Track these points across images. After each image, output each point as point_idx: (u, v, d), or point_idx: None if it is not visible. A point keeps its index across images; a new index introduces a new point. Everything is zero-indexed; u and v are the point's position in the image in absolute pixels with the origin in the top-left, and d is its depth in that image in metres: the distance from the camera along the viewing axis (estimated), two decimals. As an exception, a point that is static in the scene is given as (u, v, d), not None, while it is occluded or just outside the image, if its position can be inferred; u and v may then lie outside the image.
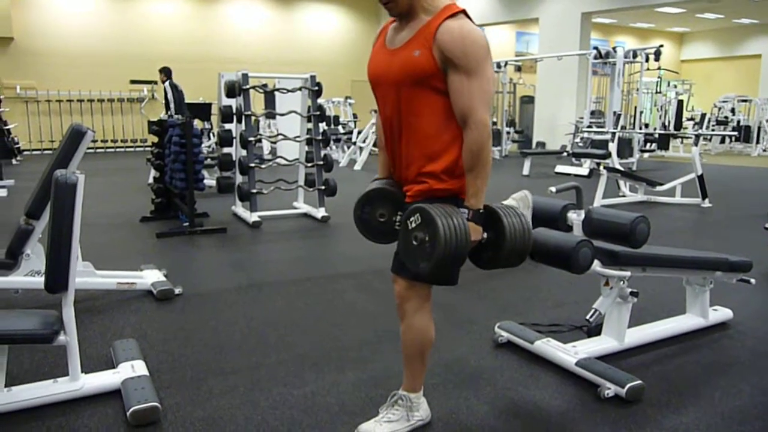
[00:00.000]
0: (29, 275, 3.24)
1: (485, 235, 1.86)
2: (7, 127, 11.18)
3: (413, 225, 1.80)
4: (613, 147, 8.92)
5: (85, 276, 3.41)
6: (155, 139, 6.19)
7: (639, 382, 2.36)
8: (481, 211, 1.84)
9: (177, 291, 3.61)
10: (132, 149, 14.40)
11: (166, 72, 9.58)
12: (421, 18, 1.84)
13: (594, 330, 2.86)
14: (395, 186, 2.05)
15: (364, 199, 2.07)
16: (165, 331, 3.08)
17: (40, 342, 2.16)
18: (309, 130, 6.27)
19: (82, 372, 2.33)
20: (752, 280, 3.15)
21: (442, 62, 1.79)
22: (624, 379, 2.37)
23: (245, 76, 5.80)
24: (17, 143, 11.83)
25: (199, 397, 2.37)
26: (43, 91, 13.52)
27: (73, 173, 2.15)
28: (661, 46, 11.32)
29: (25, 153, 12.82)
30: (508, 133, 14.27)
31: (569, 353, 2.61)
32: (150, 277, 3.73)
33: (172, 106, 9.32)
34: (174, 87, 9.45)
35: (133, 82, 14.43)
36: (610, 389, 2.36)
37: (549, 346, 2.70)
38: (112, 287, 3.57)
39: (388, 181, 2.07)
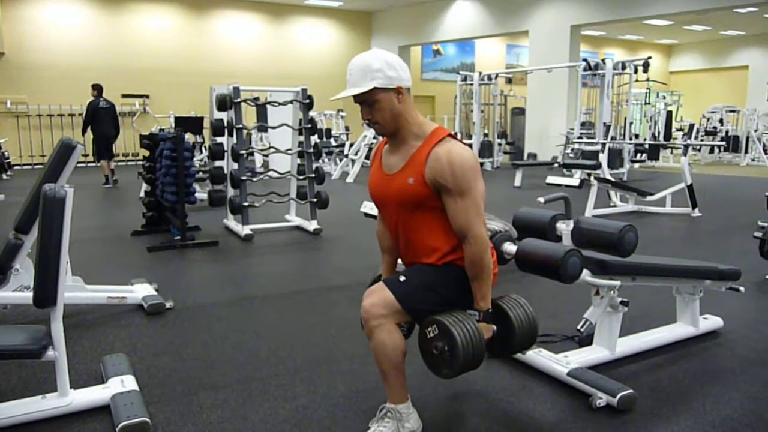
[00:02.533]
0: (18, 290, 3.21)
1: (494, 328, 2.04)
2: (-3, 142, 11.14)
3: (431, 335, 1.96)
4: (603, 158, 8.98)
5: (75, 291, 3.39)
6: (146, 153, 6.19)
7: (630, 391, 2.37)
8: (489, 311, 2.01)
9: (168, 305, 3.60)
10: (123, 163, 14.36)
11: (97, 89, 9.96)
12: (410, 144, 2.00)
13: (585, 340, 2.86)
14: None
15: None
16: (155, 346, 3.06)
17: (29, 357, 2.14)
18: (301, 143, 6.28)
19: (71, 387, 2.30)
20: (742, 289, 3.18)
21: (435, 187, 1.95)
22: (615, 388, 2.37)
23: (236, 90, 5.82)
24: (7, 158, 11.80)
25: (190, 412, 2.36)
26: (33, 106, 13.50)
27: (62, 187, 2.15)
28: (650, 57, 11.45)
29: (16, 168, 12.77)
30: (499, 144, 14.35)
31: (561, 363, 2.61)
32: (141, 291, 3.71)
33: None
34: (92, 105, 9.72)
35: (124, 96, 14.43)
36: (601, 399, 2.36)
37: (541, 357, 2.70)
38: (102, 302, 3.55)
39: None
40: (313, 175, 6.09)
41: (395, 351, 1.97)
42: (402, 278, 2.02)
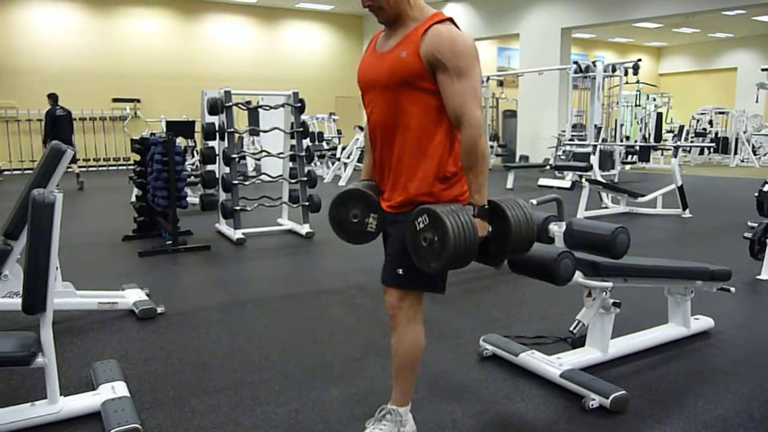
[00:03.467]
0: (7, 296, 3.19)
1: (490, 228, 1.88)
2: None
3: (421, 226, 1.82)
4: (594, 159, 9.02)
5: (65, 296, 3.36)
6: (138, 158, 6.16)
7: (623, 392, 2.37)
8: (485, 207, 1.86)
9: (159, 310, 3.57)
10: (114, 168, 14.30)
11: (53, 98, 10.35)
12: (409, 25, 1.90)
13: (578, 341, 2.87)
14: (371, 189, 2.06)
15: (338, 199, 2.08)
16: (147, 351, 3.04)
17: (17, 364, 2.12)
18: (292, 146, 6.27)
19: (61, 394, 2.28)
20: (732, 289, 3.19)
21: (430, 64, 1.82)
22: (608, 389, 2.38)
23: (228, 93, 5.80)
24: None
25: (181, 418, 2.34)
26: (23, 111, 13.41)
27: (51, 192, 2.13)
28: (640, 60, 11.52)
29: (6, 173, 12.69)
30: (491, 147, 14.38)
31: (554, 365, 2.61)
32: (132, 296, 3.68)
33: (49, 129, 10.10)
34: (50, 113, 10.19)
35: (115, 100, 14.38)
36: (594, 400, 2.37)
37: (534, 359, 2.70)
38: (93, 307, 3.52)
39: (366, 184, 2.09)
40: (305, 179, 6.08)
41: (415, 348, 1.99)
42: (400, 271, 1.95)
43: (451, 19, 1.89)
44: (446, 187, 1.92)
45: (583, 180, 7.14)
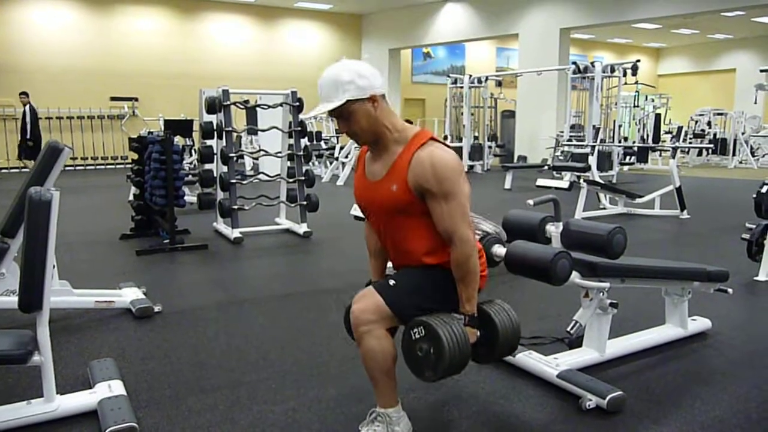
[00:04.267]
0: (4, 295, 3.18)
1: (478, 333, 2.01)
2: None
3: (417, 336, 1.93)
4: (592, 160, 9.03)
5: (62, 295, 3.35)
6: (135, 156, 6.15)
7: (620, 393, 2.37)
8: (475, 315, 1.99)
9: (156, 309, 3.57)
10: (112, 166, 14.28)
11: (27, 95, 10.79)
12: (392, 150, 1.98)
13: (575, 342, 2.87)
14: None
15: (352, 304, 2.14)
16: (144, 350, 3.04)
17: (14, 363, 2.11)
18: (290, 145, 6.26)
19: (57, 393, 2.28)
20: (730, 290, 3.19)
21: (419, 192, 1.93)
22: (605, 390, 2.38)
23: (226, 92, 5.80)
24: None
25: (178, 416, 2.34)
26: (21, 109, 13.36)
27: (48, 190, 2.13)
28: (638, 60, 11.53)
29: (3, 171, 12.66)
30: (489, 147, 14.39)
31: (551, 365, 2.61)
32: (129, 295, 3.68)
33: (28, 128, 10.50)
34: (33, 110, 10.62)
35: (113, 98, 14.35)
36: (591, 401, 2.37)
37: (531, 359, 2.70)
38: (90, 306, 3.51)
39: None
40: (303, 178, 6.08)
41: (385, 357, 1.96)
42: (392, 282, 2.01)
43: (433, 138, 1.97)
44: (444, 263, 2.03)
45: (581, 181, 7.14)
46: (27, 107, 10.46)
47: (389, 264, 2.28)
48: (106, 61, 14.29)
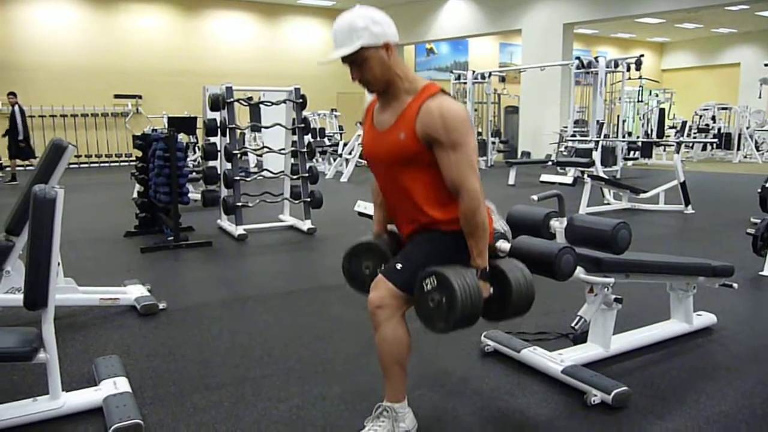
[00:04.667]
0: (9, 292, 3.19)
1: (491, 290, 1.98)
2: (-12, 143, 11.10)
3: (429, 287, 1.89)
4: (596, 155, 9.01)
5: (67, 292, 3.36)
6: (139, 154, 6.16)
7: (625, 388, 2.37)
8: (487, 269, 1.96)
9: (161, 306, 3.57)
10: (116, 164, 14.31)
11: (15, 95, 10.78)
12: (402, 99, 1.95)
13: (580, 337, 2.86)
14: (384, 242, 2.17)
15: (351, 252, 2.20)
16: (148, 347, 3.05)
17: (19, 360, 2.12)
18: (294, 142, 6.26)
19: (63, 390, 2.29)
20: (735, 285, 3.18)
21: (426, 141, 1.90)
22: (610, 385, 2.37)
23: (229, 89, 5.80)
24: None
25: (183, 413, 2.34)
26: (25, 107, 13.38)
27: (53, 188, 2.13)
28: (642, 55, 11.48)
29: (7, 169, 12.68)
30: (493, 143, 14.36)
31: (555, 361, 2.61)
32: (133, 292, 3.69)
33: (20, 128, 10.51)
34: (21, 110, 10.64)
35: (117, 96, 14.37)
36: (596, 396, 2.36)
37: (535, 355, 2.70)
38: (95, 303, 3.52)
39: (379, 237, 2.20)
40: (307, 175, 6.08)
41: (399, 346, 1.97)
42: (398, 266, 1.98)
43: (442, 90, 1.95)
44: (451, 220, 1.99)
45: (585, 176, 7.12)
46: (15, 107, 10.50)
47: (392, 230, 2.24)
48: (109, 59, 14.30)
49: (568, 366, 2.55)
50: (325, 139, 13.07)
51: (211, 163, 6.50)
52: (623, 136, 12.38)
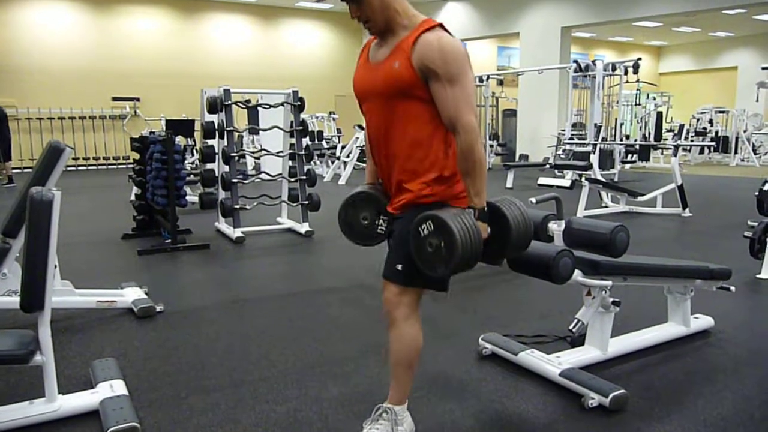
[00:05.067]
0: (6, 295, 3.18)
1: (489, 230, 1.90)
2: (-14, 146, 11.06)
3: (426, 232, 1.83)
4: (594, 158, 9.01)
5: (64, 295, 3.35)
6: (137, 156, 6.15)
7: (622, 391, 2.37)
8: (485, 209, 1.88)
9: (158, 308, 3.57)
10: (114, 166, 14.29)
11: None
12: (400, 34, 1.90)
13: (577, 340, 2.86)
14: (379, 191, 2.10)
15: (348, 201, 2.13)
16: (145, 350, 3.04)
17: (16, 362, 2.11)
18: (292, 145, 6.26)
19: (59, 393, 2.28)
20: (732, 288, 3.19)
21: (422, 72, 1.83)
22: (607, 388, 2.37)
23: (227, 92, 5.80)
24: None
25: (180, 416, 2.33)
26: (23, 109, 13.39)
27: (49, 190, 2.13)
28: (640, 59, 11.51)
29: (4, 172, 12.64)
30: (491, 146, 14.37)
31: (553, 364, 2.61)
32: (131, 294, 3.68)
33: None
34: (2, 112, 10.40)
35: (115, 99, 14.36)
36: (593, 399, 2.36)
37: (533, 357, 2.70)
38: (92, 306, 3.51)
39: (373, 186, 2.13)
40: (305, 178, 6.07)
41: (411, 344, 1.98)
42: (399, 267, 1.96)
43: (440, 25, 1.89)
44: (446, 187, 1.95)
45: (583, 179, 7.14)
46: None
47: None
48: (107, 61, 14.29)
49: (565, 369, 2.55)
50: (323, 142, 13.07)
51: (208, 166, 6.50)
52: (621, 139, 12.40)
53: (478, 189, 1.87)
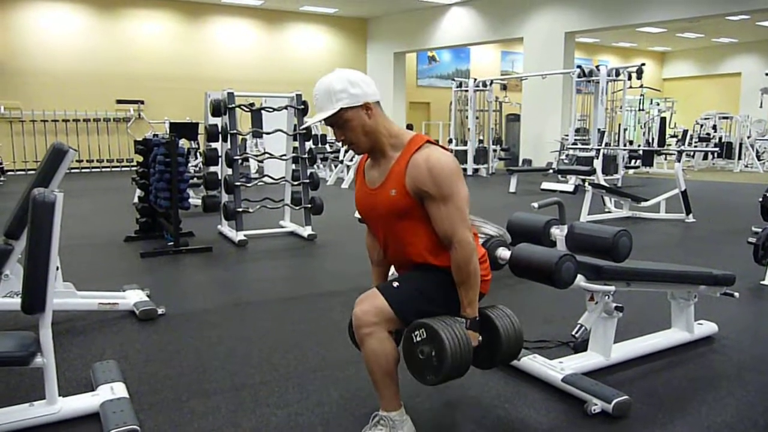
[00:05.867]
0: (8, 296, 3.18)
1: (480, 338, 2.00)
2: (-10, 148, 11.13)
3: (418, 339, 1.92)
4: (597, 164, 9.00)
5: (65, 297, 3.35)
6: (140, 159, 6.16)
7: (625, 397, 2.35)
8: (477, 319, 1.98)
9: (160, 311, 3.56)
10: (118, 169, 14.33)
11: None
12: (389, 155, 1.99)
13: (580, 346, 2.85)
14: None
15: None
16: (147, 352, 3.03)
17: (16, 364, 2.11)
18: (295, 148, 6.27)
19: (60, 395, 2.27)
20: (736, 294, 3.17)
21: (417, 195, 1.93)
22: (610, 394, 2.36)
23: (231, 95, 5.81)
24: (1, 163, 11.75)
25: (181, 419, 2.33)
26: (28, 111, 13.45)
27: (52, 192, 2.12)
28: (643, 64, 11.50)
29: (9, 173, 12.71)
30: (494, 150, 14.37)
31: (556, 369, 2.59)
32: (132, 297, 3.68)
33: None
34: None
35: (119, 101, 14.41)
36: (596, 405, 2.34)
37: (535, 363, 2.68)
38: (93, 308, 3.51)
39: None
40: (308, 181, 6.07)
41: (387, 359, 1.95)
42: (396, 284, 2.01)
43: (428, 140, 1.97)
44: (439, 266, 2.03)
45: (586, 184, 7.12)
46: None
47: (392, 270, 2.27)
48: (112, 64, 14.34)
49: (568, 374, 2.53)
50: (327, 146, 13.07)
51: (212, 169, 6.51)
52: (624, 145, 12.38)
53: (471, 299, 1.96)
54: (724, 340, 3.19)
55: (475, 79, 13.96)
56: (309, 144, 6.29)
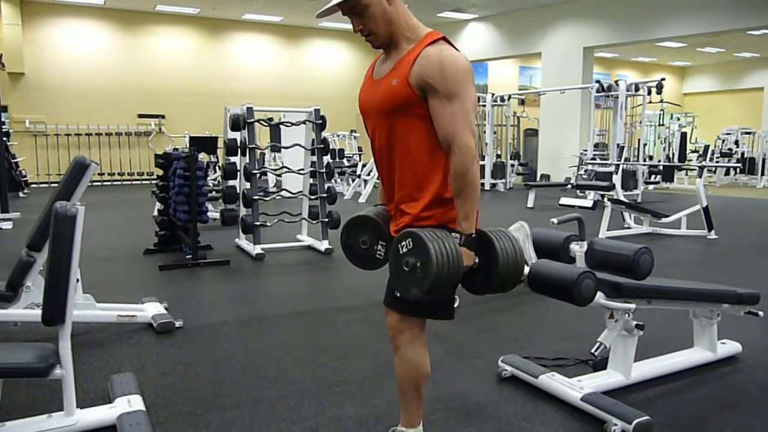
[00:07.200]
0: (29, 308, 3.22)
1: (477, 260, 1.81)
2: (15, 161, 11.34)
3: (404, 250, 1.74)
4: (617, 179, 8.92)
5: (85, 309, 3.39)
6: (160, 172, 6.23)
7: (646, 418, 2.30)
8: (473, 235, 1.79)
9: (177, 324, 3.58)
10: (138, 182, 14.51)
11: None
12: (403, 47, 1.84)
13: (599, 364, 2.80)
14: (381, 216, 2.03)
15: (349, 225, 2.08)
16: (164, 365, 3.04)
17: (35, 376, 2.13)
18: (313, 162, 6.30)
19: (77, 407, 2.29)
20: (761, 313, 3.10)
21: (421, 89, 1.77)
22: (631, 414, 2.31)
23: (250, 110, 5.87)
24: (25, 176, 11.95)
25: (196, 433, 2.32)
26: (52, 125, 13.71)
27: (74, 205, 2.15)
28: (663, 79, 11.41)
29: (33, 186, 12.93)
30: (512, 165, 14.32)
31: (574, 388, 2.55)
32: (151, 309, 3.70)
33: None
34: None
35: (140, 116, 14.63)
36: (616, 425, 2.30)
37: (554, 381, 2.65)
38: (112, 320, 3.54)
39: (377, 210, 2.06)
40: (325, 195, 6.09)
41: (419, 370, 1.94)
42: (398, 294, 1.90)
43: (444, 38, 1.84)
44: (445, 209, 1.86)
45: (606, 199, 7.05)
46: None
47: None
48: (134, 79, 14.60)
49: (587, 393, 2.49)
50: (344, 160, 13.13)
51: (230, 183, 6.56)
52: (644, 160, 12.26)
53: (467, 212, 1.77)
54: (749, 360, 3.12)
55: (493, 94, 13.97)
56: (327, 158, 6.32)
